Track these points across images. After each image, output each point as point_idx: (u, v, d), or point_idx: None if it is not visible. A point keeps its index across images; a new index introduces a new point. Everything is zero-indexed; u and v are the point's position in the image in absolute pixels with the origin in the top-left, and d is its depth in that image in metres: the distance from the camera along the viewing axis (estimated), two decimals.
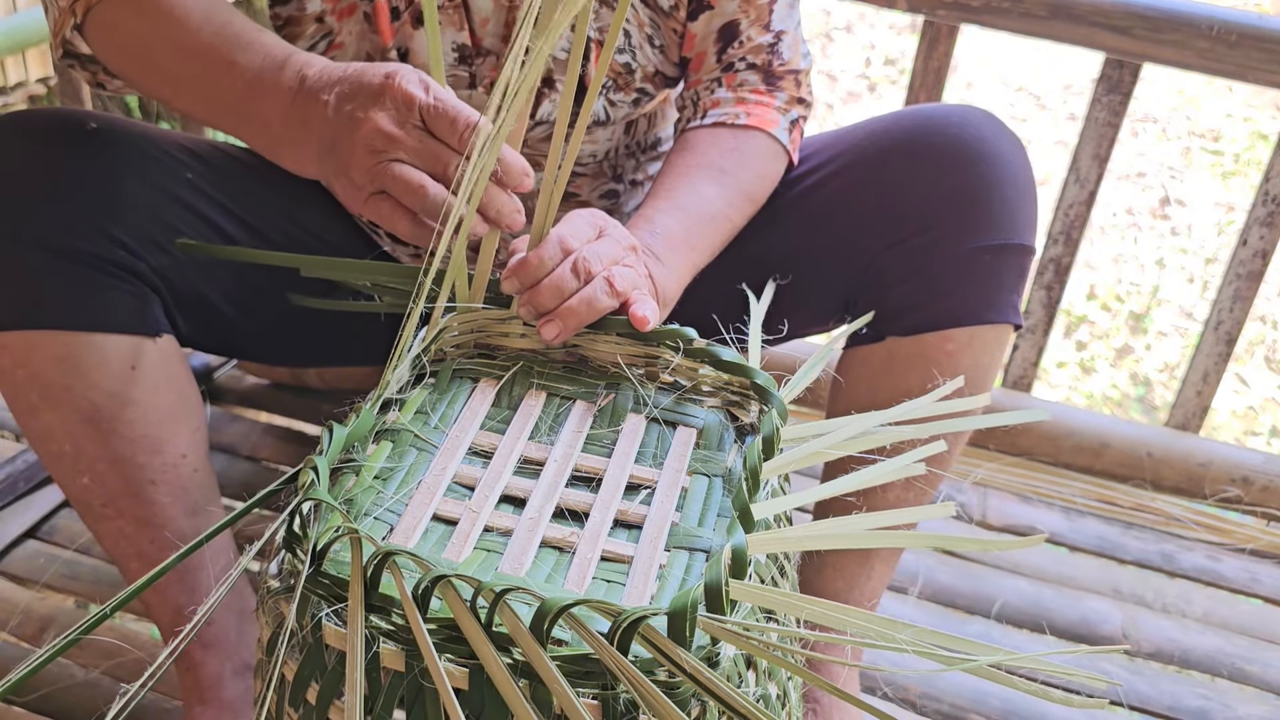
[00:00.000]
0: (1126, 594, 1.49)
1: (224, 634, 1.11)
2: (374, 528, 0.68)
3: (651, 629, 0.55)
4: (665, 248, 0.95)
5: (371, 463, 0.73)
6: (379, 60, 1.02)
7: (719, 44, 1.08)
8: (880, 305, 1.05)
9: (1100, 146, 1.64)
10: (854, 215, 1.05)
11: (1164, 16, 1.53)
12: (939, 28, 1.64)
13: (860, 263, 1.05)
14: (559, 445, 0.76)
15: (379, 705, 0.59)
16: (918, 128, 1.04)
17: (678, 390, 0.83)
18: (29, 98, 3.12)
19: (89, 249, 0.92)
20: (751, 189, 1.05)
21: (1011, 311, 1.05)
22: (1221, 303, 1.68)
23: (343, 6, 1.02)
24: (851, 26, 4.49)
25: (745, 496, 0.67)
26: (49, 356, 0.93)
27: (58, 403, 0.95)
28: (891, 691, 1.31)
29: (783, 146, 1.07)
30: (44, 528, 1.46)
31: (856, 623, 0.56)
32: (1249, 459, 1.68)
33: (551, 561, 0.68)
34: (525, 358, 0.84)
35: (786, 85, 1.09)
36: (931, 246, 1.02)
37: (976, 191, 1.01)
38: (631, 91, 1.09)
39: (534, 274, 0.82)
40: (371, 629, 0.59)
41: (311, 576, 0.61)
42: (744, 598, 0.59)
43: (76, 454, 0.98)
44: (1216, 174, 3.76)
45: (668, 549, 0.69)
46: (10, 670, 1.24)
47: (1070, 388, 2.89)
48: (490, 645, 0.56)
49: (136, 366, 0.96)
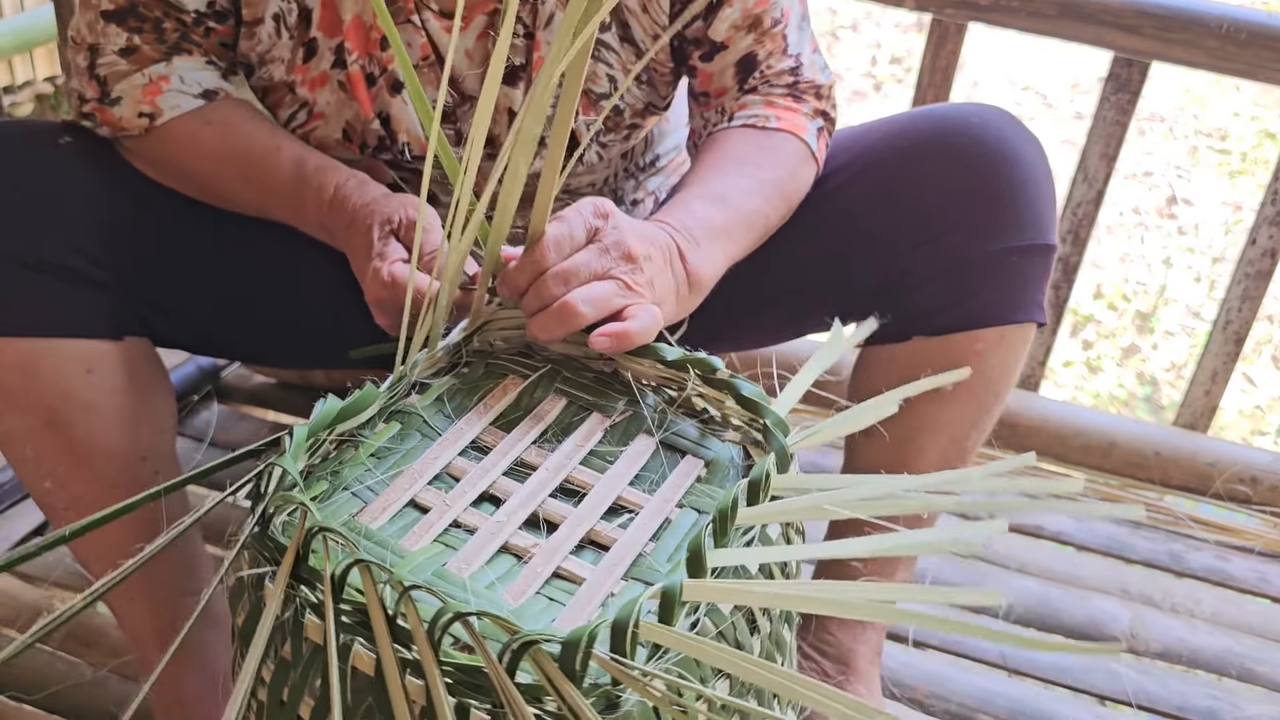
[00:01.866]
0: (1134, 593, 1.49)
1: (195, 646, 1.13)
2: (348, 502, 0.69)
3: (544, 654, 0.54)
4: (704, 232, 0.93)
5: (373, 440, 0.73)
6: (362, 130, 1.02)
7: (739, 76, 1.06)
8: (905, 305, 1.04)
9: (1108, 146, 1.64)
10: (877, 216, 1.05)
11: (1173, 15, 1.52)
12: (947, 26, 1.63)
13: (883, 263, 1.05)
14: (556, 454, 0.75)
15: (297, 673, 0.62)
16: (939, 129, 1.04)
17: (704, 419, 0.80)
18: (36, 96, 3.12)
19: (46, 257, 0.93)
20: (786, 188, 1.03)
21: (1037, 310, 1.05)
22: (1230, 302, 1.68)
23: (313, 76, 1.01)
24: (857, 25, 4.48)
25: (701, 538, 0.62)
26: (7, 362, 0.94)
27: (17, 407, 0.97)
28: (899, 692, 1.31)
29: (811, 152, 1.06)
30: (49, 528, 1.46)
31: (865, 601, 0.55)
32: (1257, 458, 1.67)
33: (504, 569, 0.66)
34: (560, 363, 0.83)
35: (809, 98, 1.08)
36: (958, 247, 1.02)
37: (1002, 193, 1.01)
38: (622, 130, 1.08)
39: (516, 284, 0.81)
40: (302, 599, 0.61)
41: (258, 536, 0.63)
42: (667, 642, 0.56)
43: (38, 458, 0.99)
44: (1224, 173, 3.75)
45: (626, 578, 0.66)
46: (19, 668, 1.25)
47: (1077, 387, 2.89)
48: (388, 636, 0.57)
49: (93, 370, 0.98)
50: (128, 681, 1.25)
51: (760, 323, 1.17)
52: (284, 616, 0.61)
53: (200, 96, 1.00)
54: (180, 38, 0.99)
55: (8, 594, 1.35)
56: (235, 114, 1.01)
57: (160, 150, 1.01)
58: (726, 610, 0.64)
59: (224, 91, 1.02)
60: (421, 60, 1.00)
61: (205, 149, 0.99)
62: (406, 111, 1.01)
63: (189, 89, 0.99)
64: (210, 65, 1.02)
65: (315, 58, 1.00)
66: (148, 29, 0.98)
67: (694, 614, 0.62)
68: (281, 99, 1.03)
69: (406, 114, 1.01)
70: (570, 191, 1.12)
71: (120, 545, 1.04)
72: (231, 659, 0.72)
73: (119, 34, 0.98)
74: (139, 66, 0.99)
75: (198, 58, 1.01)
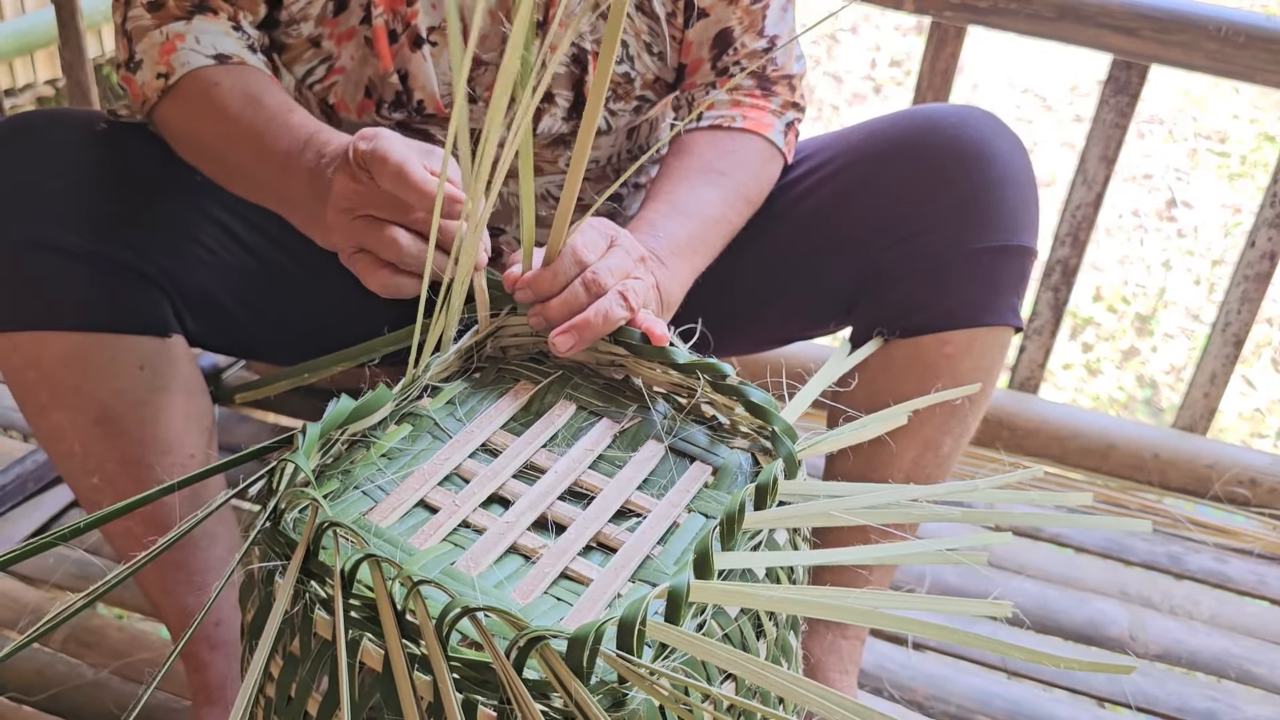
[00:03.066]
0: (1134, 595, 1.49)
1: (231, 634, 1.11)
2: (359, 501, 0.70)
3: (551, 650, 0.54)
4: (668, 251, 0.95)
5: (385, 441, 0.74)
6: (380, 85, 1.02)
7: (714, 50, 1.07)
8: (880, 307, 1.04)
9: (1108, 148, 1.64)
10: (853, 216, 1.05)
11: (1172, 18, 1.53)
12: (946, 29, 1.64)
13: (860, 264, 1.05)
14: (565, 458, 0.75)
15: (305, 668, 0.61)
16: (916, 128, 1.04)
17: (713, 426, 0.80)
18: (37, 99, 3.13)
19: (98, 250, 0.92)
20: (749, 191, 1.05)
21: (1010, 314, 1.04)
22: (1229, 304, 1.68)
23: (341, 31, 1.02)
24: (857, 28, 4.49)
25: (708, 540, 0.62)
26: (58, 357, 0.93)
27: (67, 403, 0.95)
28: (898, 693, 1.31)
29: (778, 149, 1.07)
30: (54, 528, 1.46)
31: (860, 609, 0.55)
32: (1256, 460, 1.68)
33: (512, 568, 0.67)
34: (571, 368, 0.83)
35: (781, 90, 1.09)
36: (930, 248, 1.01)
37: (975, 192, 1.00)
38: (632, 100, 1.09)
39: (548, 288, 0.81)
40: (312, 594, 0.61)
41: (269, 532, 0.63)
42: (673, 641, 0.57)
43: (86, 454, 0.98)
44: (1223, 175, 3.75)
45: (633, 580, 0.67)
46: (21, 669, 1.25)
47: (1076, 389, 2.89)
48: (397, 631, 0.57)
49: (145, 367, 0.97)
50: (129, 682, 1.25)
51: (741, 327, 1.16)
52: (293, 612, 0.62)
53: (213, 58, 0.96)
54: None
55: (9, 595, 1.35)
56: (248, 76, 0.97)
57: (175, 114, 0.97)
58: (733, 613, 0.65)
59: (239, 58, 0.98)
60: (445, 21, 1.01)
61: (213, 109, 0.95)
62: (425, 68, 1.01)
63: (203, 50, 0.96)
64: (237, 31, 0.99)
65: (345, 12, 1.00)
66: None
67: (700, 615, 0.62)
68: (300, 55, 1.03)
69: (425, 71, 1.01)
70: None
71: (161, 557, 1.05)
72: (241, 655, 0.72)
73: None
74: (162, 22, 0.97)
75: (223, 20, 0.99)
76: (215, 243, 1.04)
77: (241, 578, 0.69)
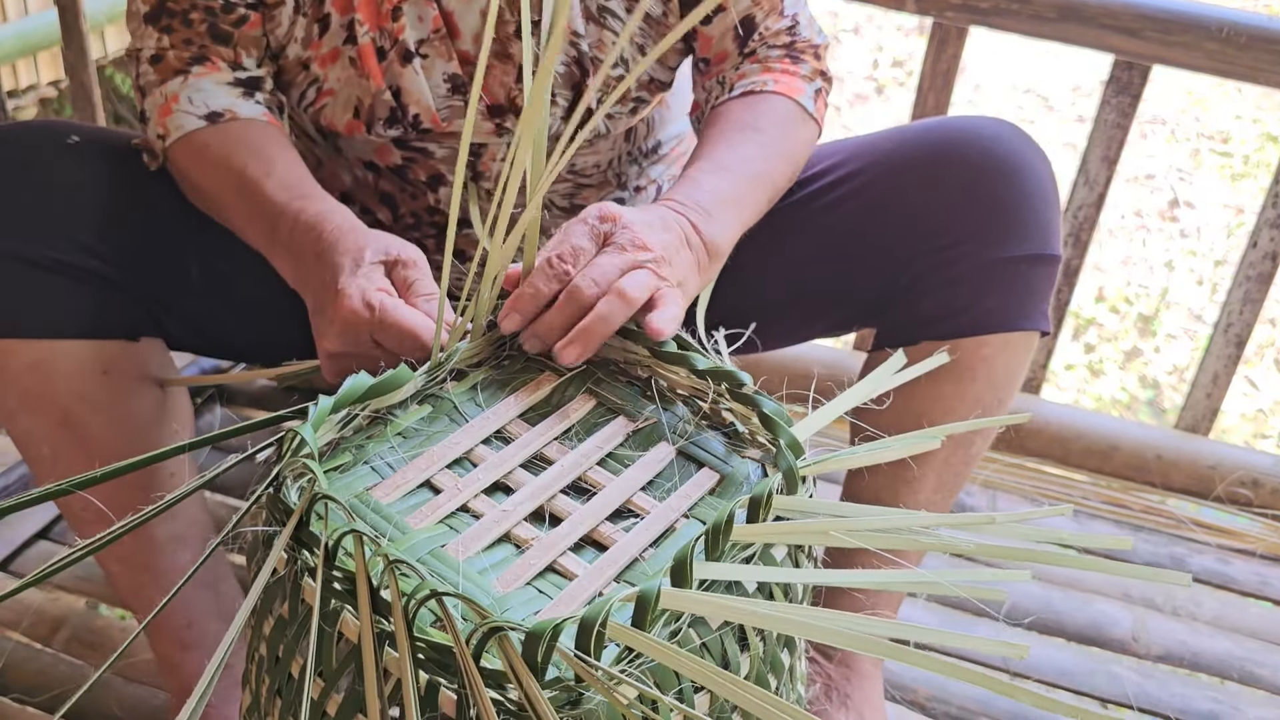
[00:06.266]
0: (1136, 597, 1.49)
1: (203, 637, 1.13)
2: (366, 475, 0.71)
3: (509, 642, 0.54)
4: (714, 202, 0.94)
5: (403, 419, 0.75)
6: (370, 103, 1.02)
7: (738, 40, 1.09)
8: (913, 311, 1.06)
9: (1109, 149, 1.64)
10: (887, 225, 1.06)
11: (1174, 18, 1.53)
12: (948, 29, 1.64)
13: (893, 270, 1.06)
14: (574, 452, 0.75)
15: (290, 632, 0.63)
16: (952, 140, 1.06)
17: (732, 433, 0.79)
18: (40, 101, 3.13)
19: (59, 257, 0.94)
20: (788, 149, 1.06)
21: (1042, 319, 1.08)
22: (1231, 305, 1.68)
23: (325, 53, 1.02)
24: (859, 29, 4.49)
25: (689, 548, 0.61)
26: (23, 363, 0.95)
27: (34, 408, 0.97)
28: (901, 694, 1.31)
29: (808, 112, 1.08)
30: (55, 529, 1.46)
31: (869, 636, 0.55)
32: (1259, 461, 1.67)
33: (500, 556, 0.67)
34: (597, 364, 0.83)
35: (808, 58, 1.11)
36: (968, 256, 1.03)
37: (1012, 204, 1.03)
38: (628, 102, 1.09)
39: (531, 307, 0.80)
40: (302, 562, 0.62)
41: (271, 498, 0.65)
42: (636, 645, 0.56)
43: (55, 457, 1.00)
44: (1225, 176, 3.75)
45: (618, 580, 0.66)
46: (22, 670, 1.25)
47: (1079, 390, 2.89)
48: (369, 606, 0.58)
49: (109, 371, 0.98)
50: (131, 684, 1.25)
51: (764, 327, 1.17)
52: (285, 576, 0.63)
53: (204, 118, 0.99)
54: (209, 30, 0.99)
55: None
56: (234, 137, 0.99)
57: (177, 170, 1.01)
58: (715, 625, 0.64)
59: (231, 113, 0.99)
60: (433, 33, 1.01)
61: (205, 169, 0.99)
62: (418, 82, 1.02)
63: (195, 110, 0.99)
64: (237, 71, 1.01)
65: (328, 34, 1.01)
66: (177, 24, 0.99)
67: (675, 623, 0.61)
68: (295, 77, 1.04)
69: (417, 85, 1.02)
70: (576, 172, 1.13)
71: (134, 545, 1.05)
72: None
73: (152, 35, 0.99)
74: (163, 78, 0.99)
75: (223, 70, 1.00)
76: (191, 243, 1.04)
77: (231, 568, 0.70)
